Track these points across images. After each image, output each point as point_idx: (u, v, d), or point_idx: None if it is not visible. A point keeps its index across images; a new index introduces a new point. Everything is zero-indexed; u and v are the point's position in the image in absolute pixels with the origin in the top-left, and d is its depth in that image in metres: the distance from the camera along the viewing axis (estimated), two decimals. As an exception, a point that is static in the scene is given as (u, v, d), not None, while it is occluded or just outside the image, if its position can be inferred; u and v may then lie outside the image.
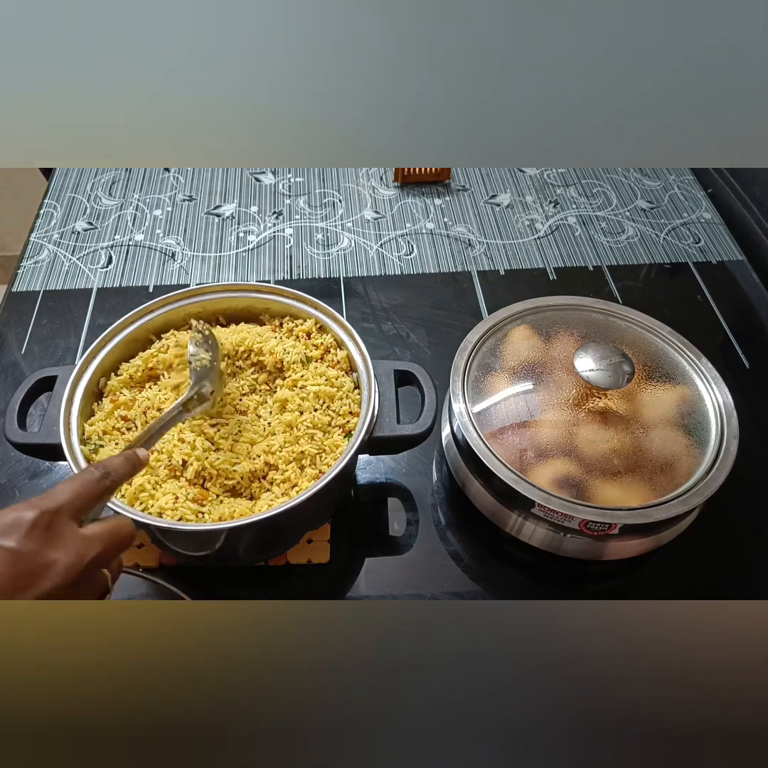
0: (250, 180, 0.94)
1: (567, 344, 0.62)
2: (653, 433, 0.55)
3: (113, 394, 0.53)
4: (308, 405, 0.52)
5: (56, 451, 0.48)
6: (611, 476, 0.53)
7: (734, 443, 0.52)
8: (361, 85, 0.37)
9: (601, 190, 0.93)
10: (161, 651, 0.31)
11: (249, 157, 0.39)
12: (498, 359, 0.60)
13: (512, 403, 0.57)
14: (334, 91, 0.37)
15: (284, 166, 0.95)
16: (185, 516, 0.47)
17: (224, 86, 0.37)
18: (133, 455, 0.39)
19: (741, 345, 0.74)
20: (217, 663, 0.31)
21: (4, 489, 0.61)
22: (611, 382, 0.55)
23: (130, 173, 0.95)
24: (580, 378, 0.54)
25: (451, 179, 0.94)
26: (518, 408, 0.56)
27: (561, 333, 0.63)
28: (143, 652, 0.30)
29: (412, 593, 0.55)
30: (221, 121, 0.38)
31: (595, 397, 0.55)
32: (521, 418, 0.56)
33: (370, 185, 0.94)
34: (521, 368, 0.59)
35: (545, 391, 0.59)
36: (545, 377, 0.61)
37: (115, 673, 0.30)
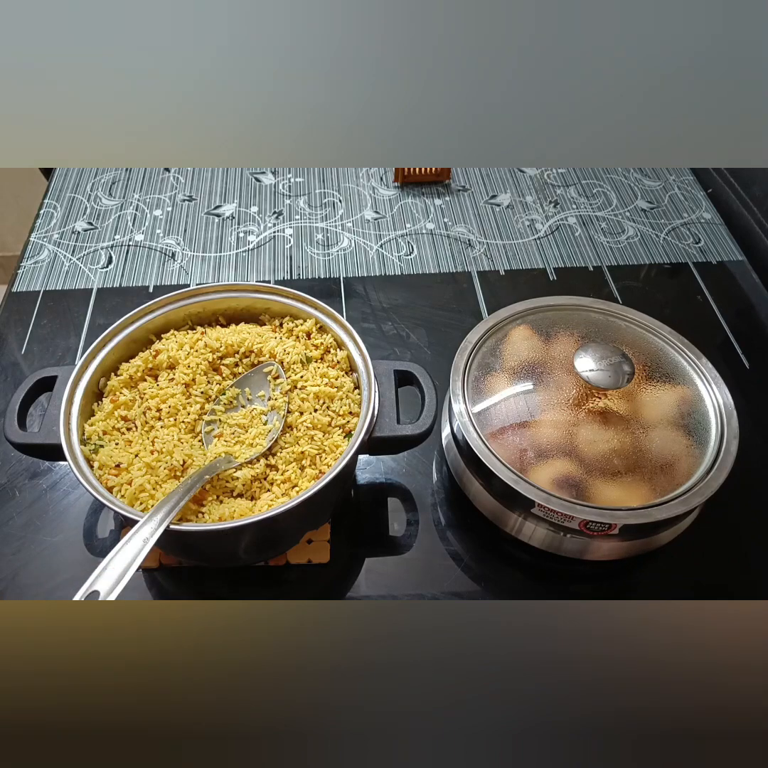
0: (250, 180, 0.94)
1: (567, 344, 0.62)
2: (653, 433, 0.55)
3: (113, 395, 0.53)
4: (308, 405, 0.52)
5: (56, 451, 0.48)
6: (611, 476, 0.53)
7: (734, 443, 0.52)
8: (361, 85, 0.37)
9: (601, 191, 0.93)
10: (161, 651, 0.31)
11: (249, 157, 0.39)
12: (498, 359, 0.60)
13: (512, 403, 0.57)
14: (335, 91, 0.37)
15: (284, 166, 0.95)
16: (185, 516, 0.47)
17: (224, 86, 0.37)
18: None
19: (741, 345, 0.74)
20: (217, 663, 0.31)
21: (4, 489, 0.61)
22: (611, 382, 0.55)
23: (130, 173, 0.95)
24: (580, 378, 0.54)
25: (451, 179, 0.94)
26: (518, 408, 0.56)
27: (561, 333, 0.63)
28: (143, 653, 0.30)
29: (412, 593, 0.55)
30: (221, 121, 0.38)
31: (595, 397, 0.55)
32: (521, 418, 0.56)
33: (370, 185, 0.94)
34: (521, 368, 0.59)
35: (545, 392, 0.59)
36: (545, 377, 0.60)
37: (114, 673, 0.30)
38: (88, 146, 0.38)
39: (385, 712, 0.30)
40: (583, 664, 0.31)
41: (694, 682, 0.30)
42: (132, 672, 0.30)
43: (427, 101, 0.37)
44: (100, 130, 0.37)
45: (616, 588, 0.57)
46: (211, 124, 0.38)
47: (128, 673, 0.30)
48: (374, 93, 0.37)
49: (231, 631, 0.32)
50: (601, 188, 0.93)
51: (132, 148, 0.38)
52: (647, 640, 0.31)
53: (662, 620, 0.32)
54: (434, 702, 0.30)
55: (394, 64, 0.36)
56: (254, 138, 0.39)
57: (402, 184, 0.93)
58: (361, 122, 0.38)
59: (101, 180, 0.94)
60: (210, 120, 0.38)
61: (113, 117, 0.37)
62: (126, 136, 0.38)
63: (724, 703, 0.30)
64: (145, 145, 0.38)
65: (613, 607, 0.32)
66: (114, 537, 0.57)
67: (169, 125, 0.38)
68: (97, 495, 0.45)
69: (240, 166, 0.95)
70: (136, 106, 0.37)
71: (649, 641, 0.31)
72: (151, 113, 0.37)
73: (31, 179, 1.34)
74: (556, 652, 0.31)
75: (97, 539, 0.57)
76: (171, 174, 0.95)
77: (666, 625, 0.32)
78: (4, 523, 0.58)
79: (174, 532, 0.43)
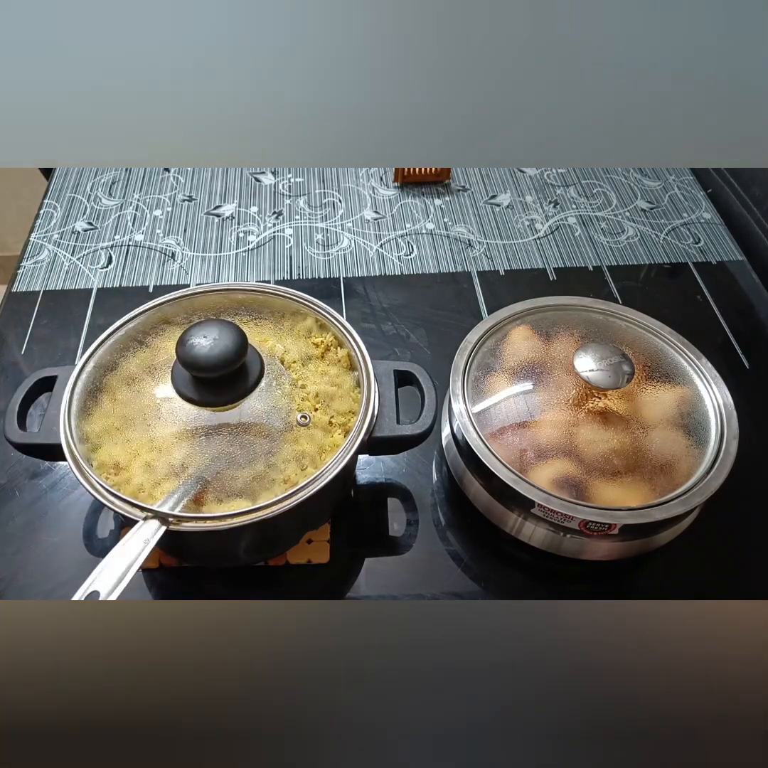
0: (250, 180, 0.94)
1: (567, 344, 0.62)
2: (653, 433, 0.55)
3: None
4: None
5: (56, 451, 0.48)
6: (611, 476, 0.53)
7: (734, 443, 0.52)
8: (361, 85, 0.37)
9: (601, 191, 0.93)
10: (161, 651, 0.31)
11: (249, 157, 0.39)
12: (498, 359, 0.60)
13: (512, 403, 0.57)
14: (334, 90, 0.37)
15: (284, 166, 0.95)
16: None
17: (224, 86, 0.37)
18: None
19: (741, 345, 0.74)
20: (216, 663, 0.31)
21: (4, 489, 0.61)
22: (611, 382, 0.55)
23: (130, 173, 0.95)
24: (579, 378, 0.54)
25: (451, 179, 0.94)
26: (518, 408, 0.56)
27: (561, 333, 0.63)
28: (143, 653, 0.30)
29: (412, 593, 0.55)
30: (221, 121, 0.38)
31: (595, 397, 0.55)
32: (521, 418, 0.56)
33: (370, 185, 0.94)
34: (521, 368, 0.59)
35: (545, 391, 0.59)
36: (545, 377, 0.60)
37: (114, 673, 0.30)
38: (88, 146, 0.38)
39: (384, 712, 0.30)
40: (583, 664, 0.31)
41: (694, 681, 0.30)
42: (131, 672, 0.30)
43: (427, 101, 0.37)
44: (100, 130, 0.37)
45: (616, 588, 0.57)
46: (211, 124, 0.38)
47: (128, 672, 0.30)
48: (374, 93, 0.37)
49: (231, 631, 0.32)
50: (601, 188, 0.93)
51: (132, 148, 0.38)
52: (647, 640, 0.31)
53: (662, 620, 0.32)
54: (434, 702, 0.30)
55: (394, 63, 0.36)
56: (254, 138, 0.39)
57: (402, 184, 0.93)
58: (360, 122, 0.38)
59: (101, 180, 0.94)
60: (210, 120, 0.38)
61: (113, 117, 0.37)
62: (126, 136, 0.38)
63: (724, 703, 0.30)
64: (145, 145, 0.38)
65: (612, 607, 0.32)
66: (114, 537, 0.57)
67: (169, 125, 0.38)
68: (97, 495, 0.45)
69: (240, 166, 0.95)
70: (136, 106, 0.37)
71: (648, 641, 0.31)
72: (151, 113, 0.37)
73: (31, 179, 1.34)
74: (555, 652, 0.31)
75: (97, 539, 0.57)
76: (171, 174, 0.95)
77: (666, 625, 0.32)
78: (4, 523, 0.58)
79: (174, 532, 0.43)
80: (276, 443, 0.50)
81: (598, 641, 0.31)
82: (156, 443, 0.49)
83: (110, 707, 0.29)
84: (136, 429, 0.50)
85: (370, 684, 0.30)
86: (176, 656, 0.30)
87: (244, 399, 0.50)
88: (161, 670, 0.30)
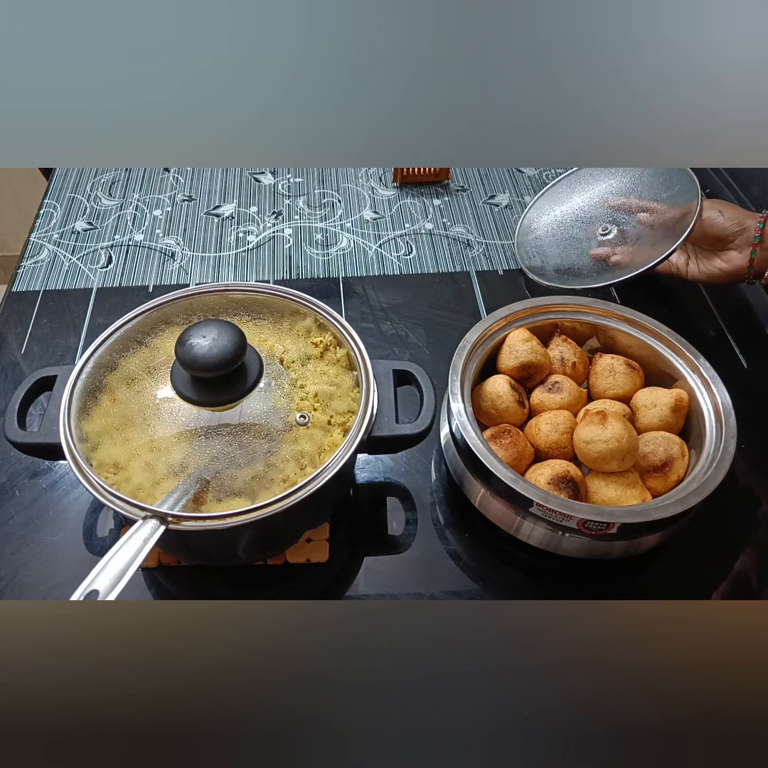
0: (250, 180, 0.94)
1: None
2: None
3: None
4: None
5: (56, 451, 0.48)
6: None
7: (732, 443, 0.52)
8: (361, 86, 0.37)
9: (600, 191, 0.93)
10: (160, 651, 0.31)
11: (249, 157, 0.39)
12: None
13: (511, 402, 0.57)
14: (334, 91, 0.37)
15: (284, 166, 0.96)
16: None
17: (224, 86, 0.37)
18: None
19: (739, 345, 0.74)
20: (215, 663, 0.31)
21: (4, 489, 0.61)
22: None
23: (130, 173, 0.95)
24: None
25: (450, 180, 0.94)
26: (517, 407, 0.56)
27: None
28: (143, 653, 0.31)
29: (411, 592, 0.55)
30: (221, 121, 0.38)
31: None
32: (520, 417, 0.56)
33: (369, 185, 0.94)
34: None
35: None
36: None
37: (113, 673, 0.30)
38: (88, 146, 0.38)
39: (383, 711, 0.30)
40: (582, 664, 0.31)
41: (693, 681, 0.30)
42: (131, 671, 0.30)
43: (426, 101, 0.38)
44: (100, 130, 0.37)
45: (615, 587, 0.57)
46: (211, 124, 0.38)
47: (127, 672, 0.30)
48: (374, 93, 0.37)
49: (230, 630, 0.32)
50: (600, 188, 0.93)
51: (132, 148, 0.38)
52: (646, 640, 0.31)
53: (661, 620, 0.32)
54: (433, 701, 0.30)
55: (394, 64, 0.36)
56: (254, 138, 0.39)
57: (401, 185, 0.93)
58: (360, 122, 0.38)
59: (101, 180, 0.94)
60: (210, 120, 0.38)
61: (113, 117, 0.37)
62: (126, 136, 0.38)
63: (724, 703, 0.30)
64: (145, 145, 0.38)
65: (611, 607, 0.33)
66: (114, 536, 0.57)
67: (169, 125, 0.38)
68: (96, 494, 0.45)
69: (240, 166, 0.95)
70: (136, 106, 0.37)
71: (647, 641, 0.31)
72: (151, 113, 0.37)
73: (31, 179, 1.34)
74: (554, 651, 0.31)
75: (96, 538, 0.57)
76: (171, 174, 0.95)
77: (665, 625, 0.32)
78: (4, 522, 0.58)
79: (173, 531, 0.44)
80: (275, 443, 0.50)
81: (597, 641, 0.31)
82: (155, 443, 0.49)
83: (110, 707, 0.29)
84: (135, 428, 0.50)
85: (370, 683, 0.30)
86: (175, 656, 0.30)
87: (243, 399, 0.50)
88: (161, 669, 0.30)
